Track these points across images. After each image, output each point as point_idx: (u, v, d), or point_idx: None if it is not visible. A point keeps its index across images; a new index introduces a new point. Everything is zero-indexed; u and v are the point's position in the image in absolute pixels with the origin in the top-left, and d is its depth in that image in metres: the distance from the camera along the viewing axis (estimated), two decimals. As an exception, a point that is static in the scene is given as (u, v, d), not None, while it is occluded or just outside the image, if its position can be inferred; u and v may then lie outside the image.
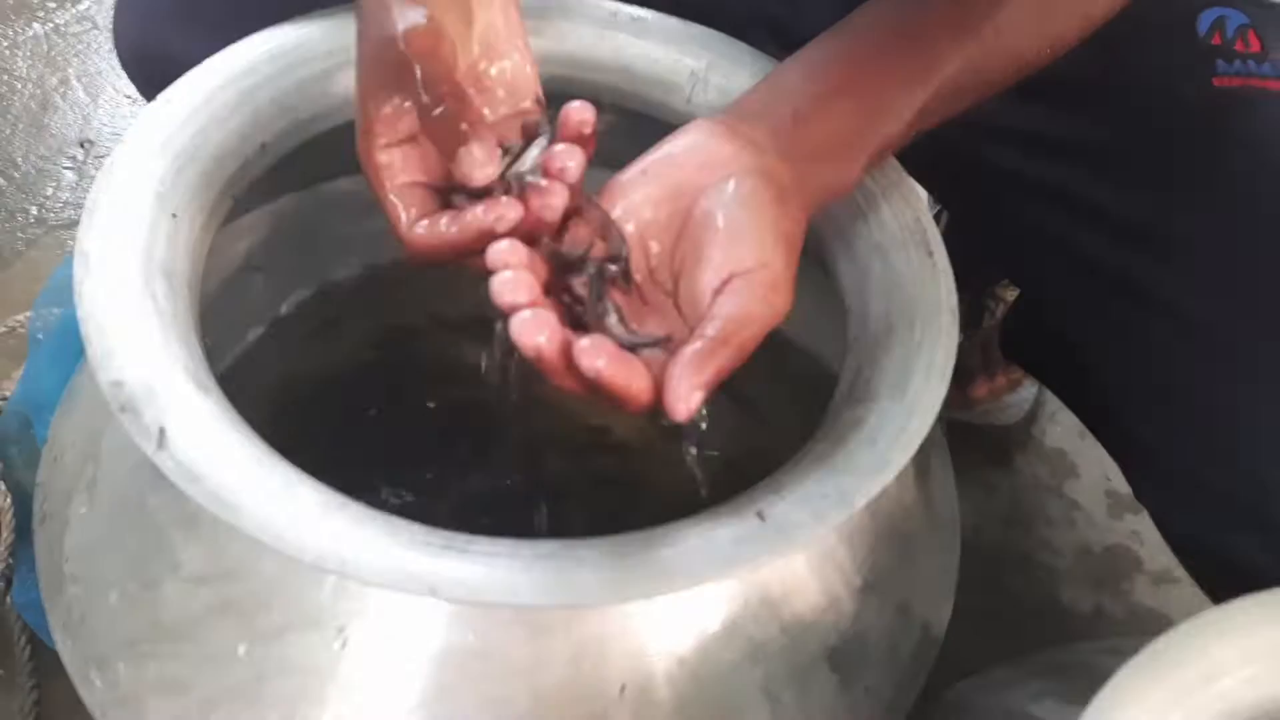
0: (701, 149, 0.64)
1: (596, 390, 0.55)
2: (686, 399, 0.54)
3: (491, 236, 0.59)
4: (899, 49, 0.68)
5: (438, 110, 0.62)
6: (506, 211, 0.59)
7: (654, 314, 0.62)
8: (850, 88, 0.68)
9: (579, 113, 0.62)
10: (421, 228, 0.62)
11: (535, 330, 0.54)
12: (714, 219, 0.62)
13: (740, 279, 0.59)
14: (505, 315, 0.55)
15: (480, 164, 0.61)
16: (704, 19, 0.79)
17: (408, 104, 0.63)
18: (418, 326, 0.95)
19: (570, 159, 0.61)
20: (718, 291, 0.59)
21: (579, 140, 0.62)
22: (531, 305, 0.55)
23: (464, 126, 0.62)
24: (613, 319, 0.61)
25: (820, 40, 0.70)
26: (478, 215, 0.60)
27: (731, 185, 0.62)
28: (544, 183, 0.60)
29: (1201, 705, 0.56)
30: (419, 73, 0.62)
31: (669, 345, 0.59)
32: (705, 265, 0.61)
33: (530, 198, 0.60)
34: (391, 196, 0.63)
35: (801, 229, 0.64)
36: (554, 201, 0.60)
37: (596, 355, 0.53)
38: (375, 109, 0.63)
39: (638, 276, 0.63)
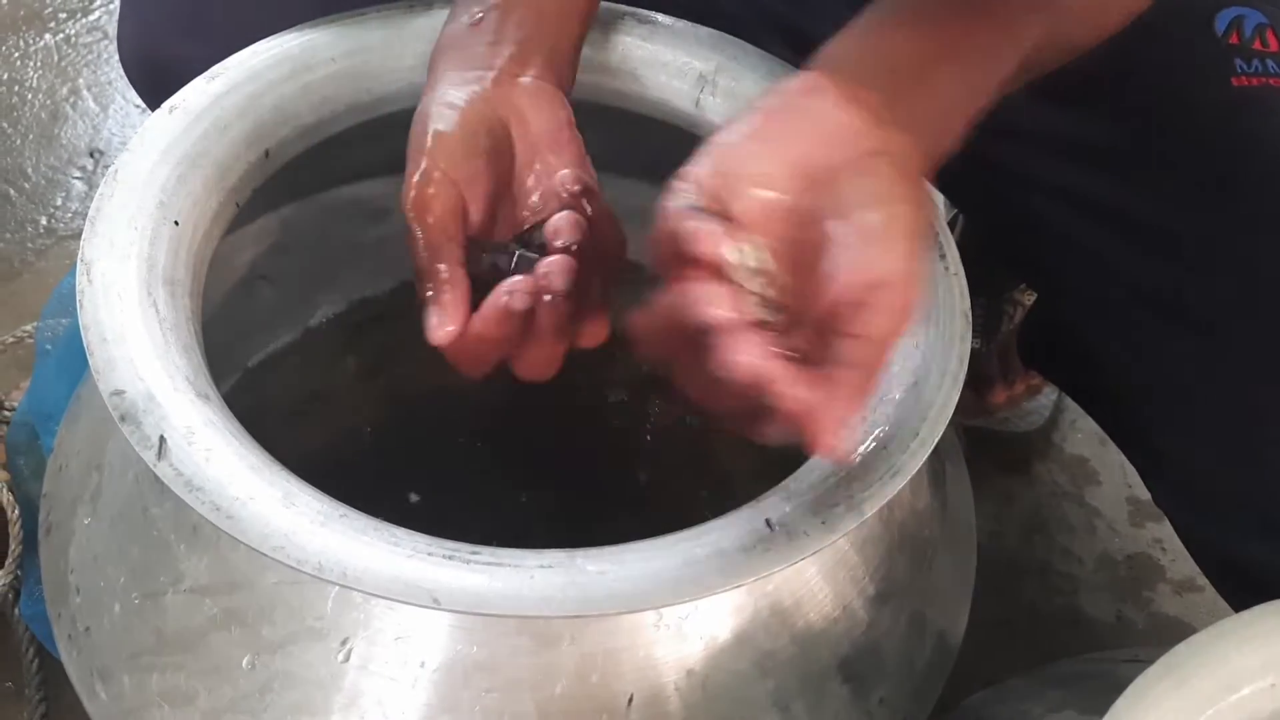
0: (820, 116, 0.57)
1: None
2: (838, 434, 0.51)
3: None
4: (986, 18, 0.64)
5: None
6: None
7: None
8: (948, 52, 0.63)
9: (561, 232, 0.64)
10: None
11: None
12: (846, 207, 0.55)
13: (881, 291, 0.53)
14: None
15: (435, 327, 0.63)
16: (711, 21, 0.78)
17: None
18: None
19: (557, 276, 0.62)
20: (858, 305, 0.53)
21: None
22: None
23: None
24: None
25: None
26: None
27: (868, 177, 0.56)
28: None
29: (1221, 714, 0.55)
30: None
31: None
32: (839, 268, 0.54)
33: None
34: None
35: (930, 213, 0.59)
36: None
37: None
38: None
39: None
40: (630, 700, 0.60)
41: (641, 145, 0.80)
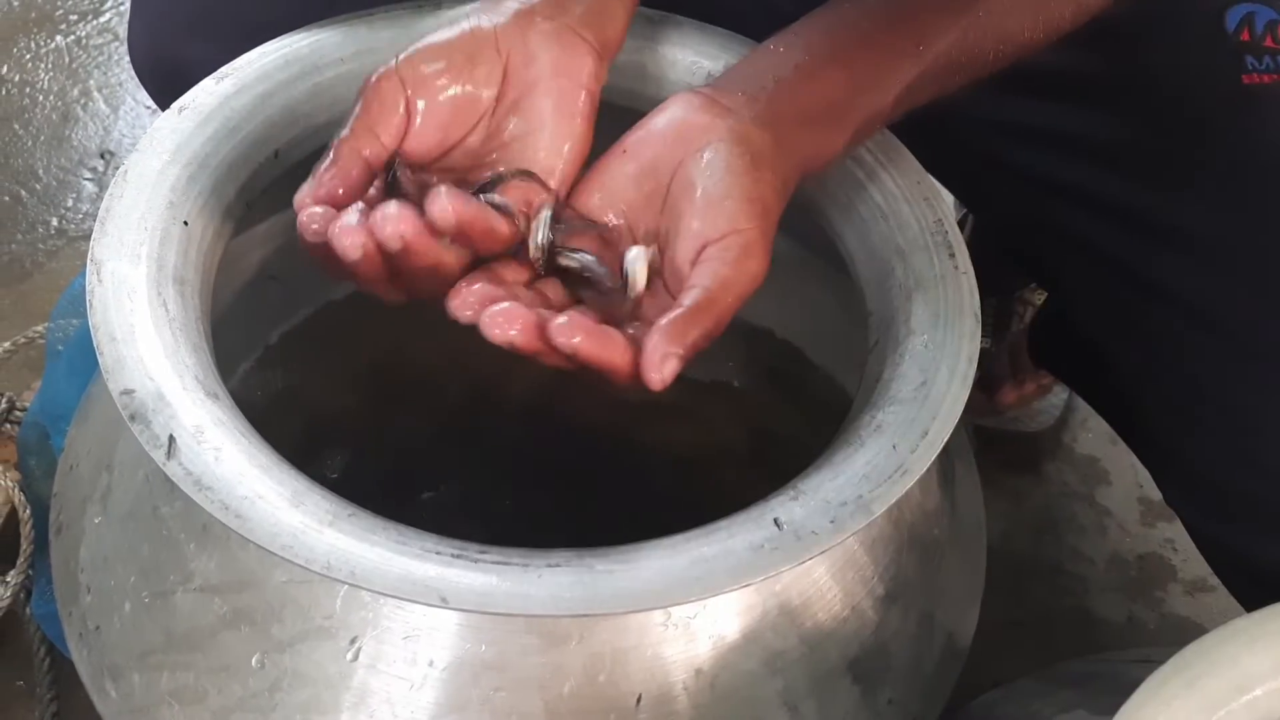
0: (678, 122, 0.65)
1: (578, 364, 0.57)
2: (660, 367, 0.56)
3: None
4: (888, 24, 0.69)
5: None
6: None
7: (647, 296, 0.63)
8: (836, 57, 0.68)
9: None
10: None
11: (506, 324, 0.56)
12: (691, 190, 0.63)
13: (714, 246, 0.60)
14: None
15: (303, 194, 0.61)
16: (719, 20, 0.78)
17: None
18: (434, 332, 0.95)
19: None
20: (694, 262, 0.61)
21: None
22: (496, 300, 0.58)
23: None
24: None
25: (807, 17, 0.70)
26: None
27: (706, 155, 0.63)
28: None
29: (1232, 715, 0.54)
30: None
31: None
32: (683, 236, 0.62)
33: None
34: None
35: (779, 195, 0.64)
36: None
37: (573, 332, 0.56)
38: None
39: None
40: (638, 700, 0.60)
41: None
